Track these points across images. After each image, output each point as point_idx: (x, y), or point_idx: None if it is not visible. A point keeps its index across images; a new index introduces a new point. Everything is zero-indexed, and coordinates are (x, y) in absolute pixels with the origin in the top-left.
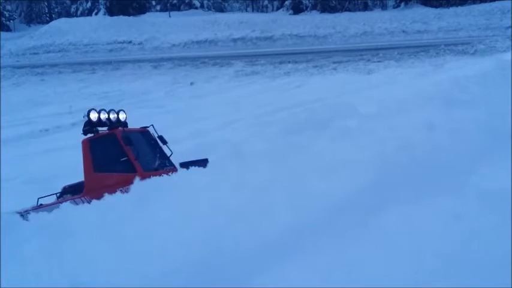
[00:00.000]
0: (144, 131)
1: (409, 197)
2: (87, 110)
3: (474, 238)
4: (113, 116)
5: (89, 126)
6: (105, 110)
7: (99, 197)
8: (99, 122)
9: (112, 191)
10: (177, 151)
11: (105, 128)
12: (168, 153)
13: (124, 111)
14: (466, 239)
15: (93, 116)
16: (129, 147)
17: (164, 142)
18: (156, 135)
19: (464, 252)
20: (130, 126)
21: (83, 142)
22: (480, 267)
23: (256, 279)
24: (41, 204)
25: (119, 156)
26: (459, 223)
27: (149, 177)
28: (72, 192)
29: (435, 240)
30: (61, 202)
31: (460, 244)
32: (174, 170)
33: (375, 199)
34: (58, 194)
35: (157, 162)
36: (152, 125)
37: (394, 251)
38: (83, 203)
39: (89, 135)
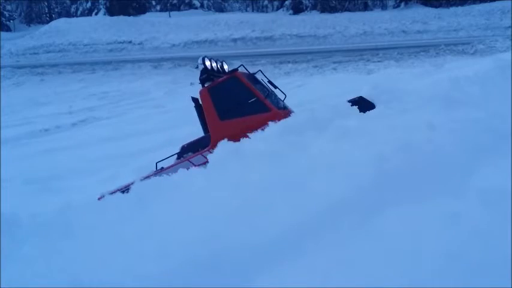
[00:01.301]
0: (254, 76)
1: (409, 197)
2: (201, 57)
3: (474, 238)
4: (220, 65)
5: (206, 74)
6: (213, 59)
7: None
8: (214, 69)
9: (245, 136)
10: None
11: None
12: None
13: (226, 62)
14: (466, 239)
15: (209, 63)
16: (255, 88)
17: (275, 86)
18: (264, 80)
19: (464, 252)
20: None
21: (202, 92)
22: (480, 267)
23: (256, 279)
24: (162, 168)
25: (246, 98)
26: (459, 223)
27: (281, 116)
28: (193, 149)
29: (435, 240)
30: (184, 161)
31: (460, 244)
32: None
33: (374, 199)
34: (177, 155)
35: (281, 102)
36: (260, 70)
37: (394, 251)
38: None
39: (206, 85)
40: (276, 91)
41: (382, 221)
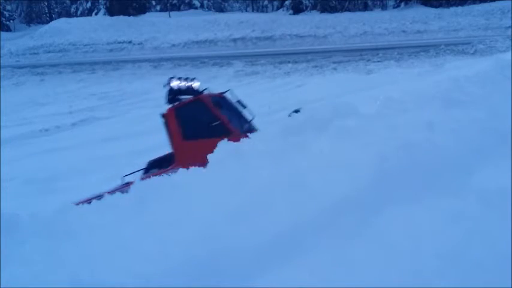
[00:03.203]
0: (222, 97)
1: (409, 197)
2: (169, 77)
3: (474, 238)
4: (190, 84)
5: (173, 94)
6: (182, 78)
7: (192, 165)
8: (180, 90)
9: (205, 157)
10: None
11: (185, 97)
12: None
13: (197, 80)
14: (466, 239)
15: (175, 83)
16: (219, 111)
17: (243, 106)
18: (233, 100)
19: (464, 252)
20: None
21: (168, 111)
22: (480, 267)
23: (256, 279)
24: (128, 183)
25: (209, 121)
26: (459, 223)
27: (242, 138)
28: (158, 166)
29: (435, 240)
30: (149, 177)
31: (460, 244)
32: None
33: (374, 199)
34: (143, 170)
35: (245, 125)
36: (229, 89)
37: (394, 251)
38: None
39: (169, 106)
40: (246, 110)
41: (382, 221)
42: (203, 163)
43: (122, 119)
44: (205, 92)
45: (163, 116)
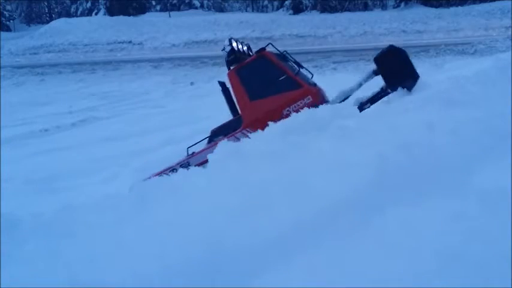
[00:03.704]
0: (283, 54)
1: (409, 197)
2: (228, 39)
3: (474, 238)
4: (246, 47)
5: (233, 55)
6: (239, 41)
7: (263, 125)
8: (241, 51)
9: (278, 114)
10: (177, 151)
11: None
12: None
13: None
14: (466, 239)
15: (235, 44)
16: (285, 66)
17: (301, 66)
18: (292, 59)
19: (464, 252)
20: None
21: (230, 73)
22: (480, 267)
23: (256, 279)
24: (193, 153)
25: (276, 76)
26: (459, 223)
27: (313, 92)
28: (224, 133)
29: (435, 240)
30: (216, 144)
31: (460, 244)
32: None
33: (375, 199)
34: (208, 139)
35: (310, 80)
36: (285, 51)
37: (394, 251)
38: (246, 136)
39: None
40: (303, 71)
41: (382, 221)
42: (275, 119)
43: (122, 119)
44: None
45: (222, 83)
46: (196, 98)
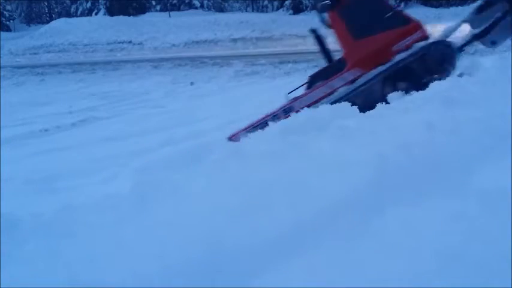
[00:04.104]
0: None
1: (409, 197)
2: None
3: (474, 238)
4: None
5: None
6: None
7: (372, 64)
8: None
9: (386, 52)
10: (177, 151)
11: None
12: None
13: None
14: (466, 239)
15: None
16: (389, 2)
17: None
18: None
19: (464, 252)
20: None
21: (331, 15)
22: (480, 267)
23: (256, 279)
24: (294, 98)
25: (380, 14)
26: (459, 223)
27: (422, 27)
28: (324, 77)
29: (435, 240)
30: (317, 88)
31: (460, 244)
32: None
33: (375, 199)
34: (307, 85)
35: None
36: None
37: (394, 251)
38: (354, 76)
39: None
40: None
41: (382, 221)
42: (385, 57)
43: (122, 119)
44: None
45: (314, 30)
46: (196, 98)
